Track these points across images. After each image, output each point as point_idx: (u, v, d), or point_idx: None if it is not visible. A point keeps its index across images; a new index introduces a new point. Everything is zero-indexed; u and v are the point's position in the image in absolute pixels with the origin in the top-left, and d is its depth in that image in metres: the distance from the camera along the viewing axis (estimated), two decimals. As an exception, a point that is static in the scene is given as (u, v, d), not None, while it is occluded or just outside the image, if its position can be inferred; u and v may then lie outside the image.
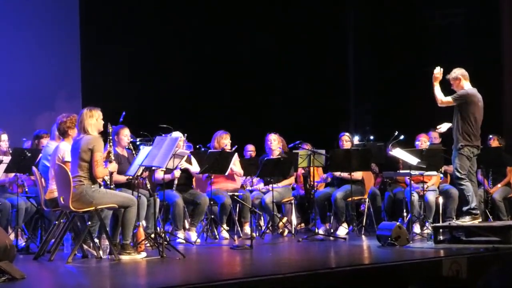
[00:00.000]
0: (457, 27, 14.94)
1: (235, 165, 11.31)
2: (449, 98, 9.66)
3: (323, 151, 11.38)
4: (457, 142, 9.61)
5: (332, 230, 11.34)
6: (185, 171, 10.63)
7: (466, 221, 9.57)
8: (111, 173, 8.69)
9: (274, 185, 11.31)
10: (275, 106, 14.87)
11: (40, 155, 9.72)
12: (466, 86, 9.76)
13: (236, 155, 11.33)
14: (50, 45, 13.01)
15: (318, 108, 15.16)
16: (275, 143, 11.64)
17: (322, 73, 15.34)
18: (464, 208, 9.75)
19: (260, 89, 14.75)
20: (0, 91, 12.46)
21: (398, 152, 10.39)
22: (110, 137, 8.85)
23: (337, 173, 11.52)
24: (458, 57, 13.25)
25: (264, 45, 14.84)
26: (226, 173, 10.95)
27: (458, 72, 9.80)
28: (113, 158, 8.72)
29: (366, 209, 11.59)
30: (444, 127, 9.98)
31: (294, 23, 15.20)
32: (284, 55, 15.07)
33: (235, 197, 11.05)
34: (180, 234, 10.32)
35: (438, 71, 9.77)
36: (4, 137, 10.22)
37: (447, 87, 9.84)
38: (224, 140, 11.21)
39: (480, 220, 9.69)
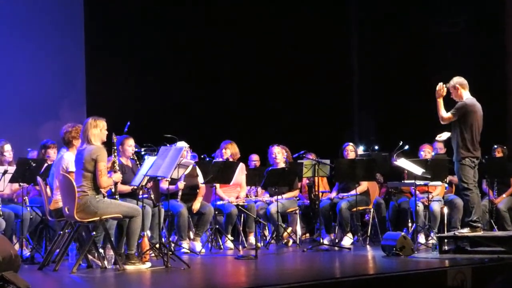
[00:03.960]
0: (461, 35, 14.94)
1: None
2: (449, 114, 9.63)
3: (327, 161, 11.38)
4: (457, 154, 9.60)
5: (337, 240, 11.33)
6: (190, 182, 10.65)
7: (464, 232, 9.56)
8: (115, 183, 8.70)
9: (279, 197, 11.32)
10: (279, 116, 14.86)
11: (46, 164, 9.73)
12: (465, 95, 9.74)
13: (243, 167, 11.39)
14: (54, 54, 13.01)
15: (323, 118, 15.15)
16: (279, 156, 11.65)
17: (326, 83, 15.34)
18: (465, 219, 9.75)
19: (263, 98, 14.75)
20: (5, 101, 12.46)
21: (403, 162, 10.39)
22: (115, 147, 8.86)
23: (344, 194, 11.53)
24: (461, 65, 13.25)
25: (268, 52, 14.85)
26: (231, 183, 10.97)
27: (456, 80, 9.78)
28: (117, 168, 8.74)
29: (371, 219, 11.57)
30: (444, 135, 9.98)
31: (298, 31, 15.20)
32: (288, 64, 15.07)
33: (240, 207, 11.05)
34: (185, 244, 10.32)
35: (440, 87, 9.72)
36: (8, 147, 10.21)
37: (446, 96, 9.84)
38: (224, 150, 11.30)
39: (481, 232, 9.65)
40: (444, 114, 9.64)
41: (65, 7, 13.35)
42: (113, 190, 8.74)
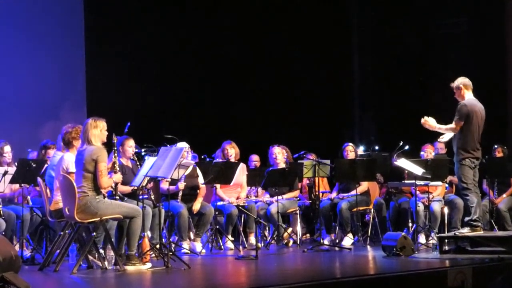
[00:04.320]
0: (461, 35, 14.95)
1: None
2: (454, 123, 9.61)
3: (328, 161, 11.38)
4: (457, 154, 9.61)
5: (337, 241, 11.33)
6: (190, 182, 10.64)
7: (465, 232, 9.56)
8: (116, 184, 8.70)
9: (280, 198, 11.32)
10: (279, 116, 14.86)
11: (46, 165, 9.73)
12: (467, 96, 9.73)
13: (244, 167, 11.39)
14: (55, 55, 13.00)
15: (323, 118, 15.16)
16: (280, 156, 11.63)
17: (326, 83, 15.34)
18: (466, 219, 9.75)
19: (263, 98, 14.75)
20: (5, 101, 12.45)
21: (403, 162, 10.39)
22: (115, 148, 8.86)
23: (345, 195, 11.53)
24: (462, 67, 13.25)
25: (268, 54, 14.85)
26: (231, 184, 10.97)
27: (460, 81, 9.79)
28: (118, 168, 8.74)
29: (371, 219, 11.56)
30: (446, 136, 9.97)
31: (299, 33, 15.20)
32: (289, 65, 15.07)
33: (241, 207, 11.05)
34: (185, 245, 10.32)
35: (424, 122, 9.74)
36: (7, 148, 10.19)
37: (450, 95, 9.85)
38: (227, 150, 11.28)
39: (481, 232, 9.65)
40: (450, 126, 9.64)
41: (65, 7, 13.34)
42: (113, 190, 8.74)
